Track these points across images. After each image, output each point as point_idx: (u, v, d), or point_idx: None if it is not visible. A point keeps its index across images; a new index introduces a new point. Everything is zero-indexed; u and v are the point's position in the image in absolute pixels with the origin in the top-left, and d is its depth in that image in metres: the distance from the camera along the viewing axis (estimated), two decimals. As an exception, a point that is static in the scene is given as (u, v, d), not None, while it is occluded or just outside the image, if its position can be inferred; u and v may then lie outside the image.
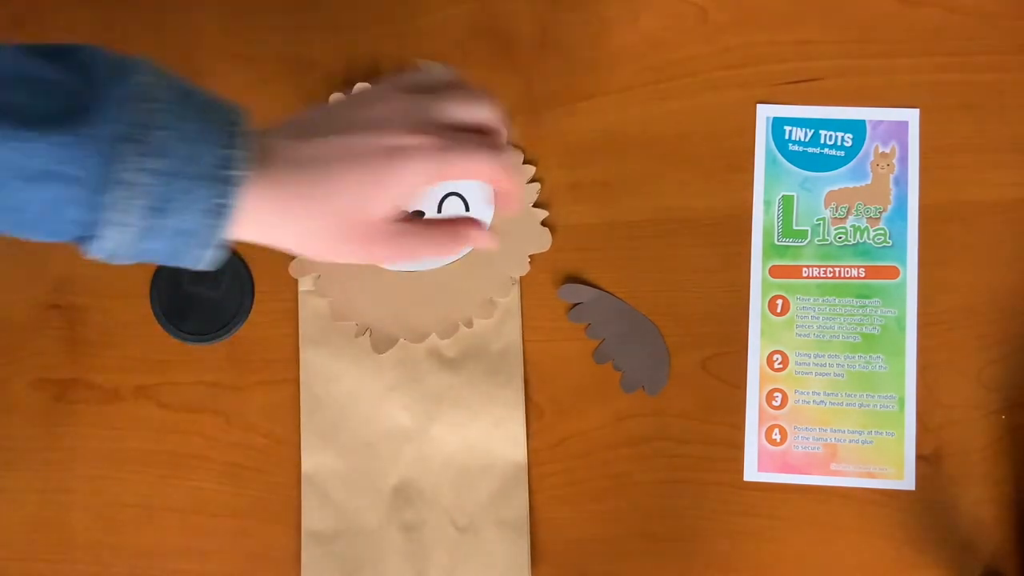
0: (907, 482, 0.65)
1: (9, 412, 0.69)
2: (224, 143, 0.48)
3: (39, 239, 0.49)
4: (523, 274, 0.67)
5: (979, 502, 0.65)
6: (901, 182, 0.67)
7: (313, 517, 0.67)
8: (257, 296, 0.69)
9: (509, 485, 0.67)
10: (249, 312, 0.68)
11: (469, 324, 0.67)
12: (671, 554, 0.66)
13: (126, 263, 0.49)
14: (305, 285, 0.68)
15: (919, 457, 0.65)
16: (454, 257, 0.65)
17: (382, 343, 0.67)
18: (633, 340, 0.67)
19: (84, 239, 0.48)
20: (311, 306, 0.68)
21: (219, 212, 0.48)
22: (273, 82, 0.69)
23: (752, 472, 0.66)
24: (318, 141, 0.51)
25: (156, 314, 0.68)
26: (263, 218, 0.50)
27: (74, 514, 0.68)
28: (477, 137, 0.54)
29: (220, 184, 0.47)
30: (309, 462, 0.67)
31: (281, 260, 0.68)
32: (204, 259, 0.50)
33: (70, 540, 0.68)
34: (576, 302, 0.67)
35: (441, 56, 0.69)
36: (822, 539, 0.66)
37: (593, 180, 0.68)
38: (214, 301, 0.68)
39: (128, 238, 0.47)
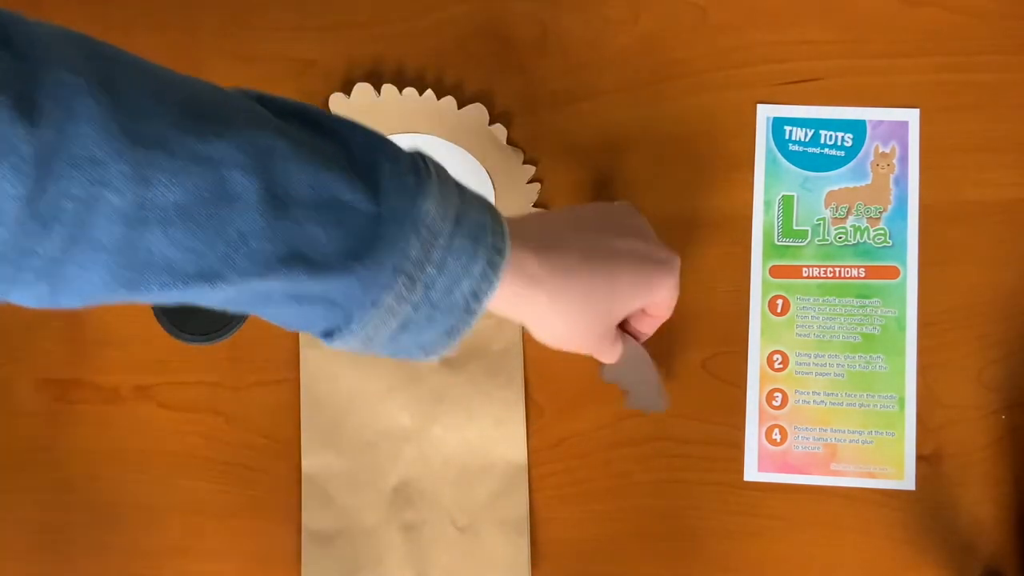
0: (907, 482, 0.65)
1: (9, 412, 0.69)
2: (483, 275, 0.49)
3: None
4: None
5: (979, 502, 0.65)
6: (901, 182, 0.67)
7: (313, 517, 0.67)
8: (257, 296, 0.69)
9: (509, 485, 0.67)
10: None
11: None
12: (671, 554, 0.66)
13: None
14: None
15: (919, 457, 0.65)
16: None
17: None
18: (630, 364, 0.65)
19: (323, 335, 0.49)
20: None
21: (455, 334, 0.50)
22: (273, 82, 0.69)
23: (752, 472, 0.66)
24: (601, 255, 0.54)
25: (156, 314, 0.68)
26: (519, 308, 0.53)
27: (74, 514, 0.68)
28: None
29: (464, 314, 0.49)
30: (309, 462, 0.67)
31: (281, 260, 0.68)
32: (425, 360, 0.52)
33: (70, 540, 0.68)
34: None
35: (441, 56, 0.69)
36: (822, 539, 0.66)
37: (593, 180, 0.68)
38: (214, 301, 0.68)
39: (367, 347, 0.49)
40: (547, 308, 0.53)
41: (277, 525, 0.68)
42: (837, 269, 0.67)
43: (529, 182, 0.68)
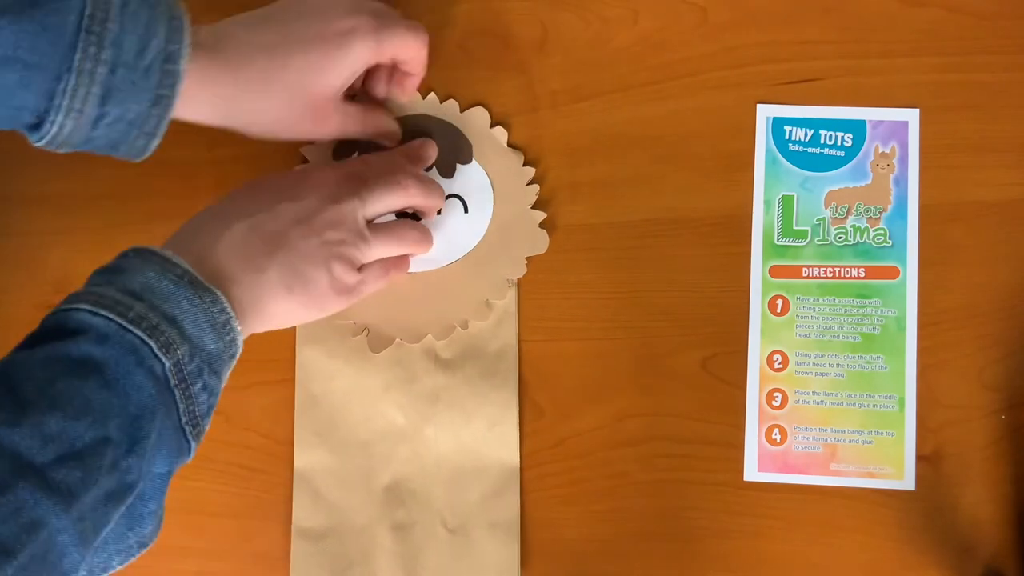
0: (907, 482, 0.65)
1: (9, 412, 0.69)
2: (170, 37, 0.54)
3: None
4: (519, 276, 0.67)
5: (979, 502, 0.65)
6: (901, 182, 0.67)
7: (304, 514, 0.67)
8: (257, 296, 0.68)
9: (501, 487, 0.67)
10: (249, 312, 0.68)
11: (465, 326, 0.67)
12: (671, 554, 0.66)
13: (68, 151, 0.54)
14: None
15: (919, 457, 0.65)
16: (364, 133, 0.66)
17: (378, 342, 0.67)
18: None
19: (34, 126, 0.53)
20: None
21: (163, 103, 0.54)
22: (273, 82, 0.69)
23: (752, 472, 0.66)
24: (274, 28, 0.58)
25: (156, 314, 0.68)
26: (217, 99, 0.57)
27: (74, 514, 0.68)
28: (400, 16, 0.63)
29: (164, 77, 0.54)
30: (302, 459, 0.67)
31: (281, 260, 0.68)
32: (146, 149, 0.55)
33: (70, 540, 0.68)
34: None
35: (441, 56, 0.69)
36: (822, 539, 0.65)
37: (593, 180, 0.68)
38: (214, 301, 0.68)
39: (77, 125, 0.53)
40: (228, 99, 0.57)
41: (276, 525, 0.68)
42: (837, 269, 0.67)
43: (528, 184, 0.68)
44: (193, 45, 0.55)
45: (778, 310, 0.67)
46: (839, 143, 0.67)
